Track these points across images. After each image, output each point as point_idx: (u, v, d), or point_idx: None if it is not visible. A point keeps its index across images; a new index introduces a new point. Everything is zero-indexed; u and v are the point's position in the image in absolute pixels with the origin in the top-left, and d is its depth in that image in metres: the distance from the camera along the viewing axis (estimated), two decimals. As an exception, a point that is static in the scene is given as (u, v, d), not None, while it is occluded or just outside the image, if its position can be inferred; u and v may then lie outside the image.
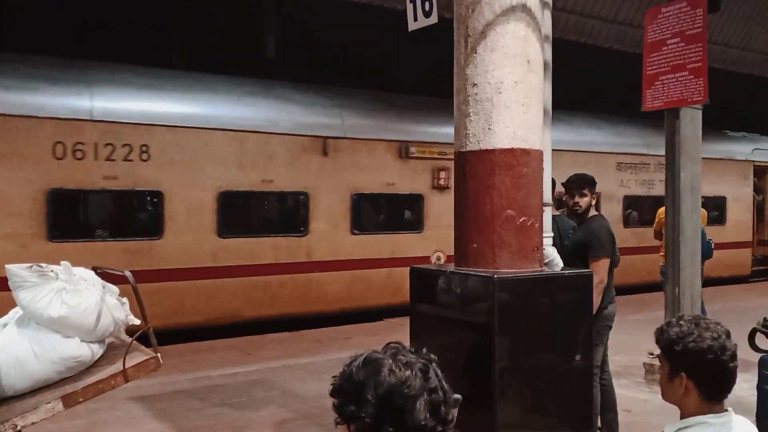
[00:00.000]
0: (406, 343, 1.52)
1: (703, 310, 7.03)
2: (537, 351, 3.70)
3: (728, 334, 2.07)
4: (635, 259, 12.87)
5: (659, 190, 12.75)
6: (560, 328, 3.78)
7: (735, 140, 16.39)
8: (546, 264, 4.16)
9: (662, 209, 7.56)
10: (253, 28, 13.59)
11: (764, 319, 4.84)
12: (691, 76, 6.34)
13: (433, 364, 1.43)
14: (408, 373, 1.37)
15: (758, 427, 4.25)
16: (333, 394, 1.42)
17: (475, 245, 3.81)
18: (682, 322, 2.07)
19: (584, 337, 3.84)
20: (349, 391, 1.39)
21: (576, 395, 3.86)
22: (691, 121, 6.68)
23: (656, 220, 8.50)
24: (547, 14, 4.35)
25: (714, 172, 14.58)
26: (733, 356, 2.04)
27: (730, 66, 16.86)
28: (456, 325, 3.87)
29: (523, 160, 3.76)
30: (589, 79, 16.05)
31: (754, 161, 16.36)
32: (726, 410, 2.05)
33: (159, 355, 3.44)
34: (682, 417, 2.07)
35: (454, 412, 1.90)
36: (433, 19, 4.82)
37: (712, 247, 7.52)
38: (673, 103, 6.52)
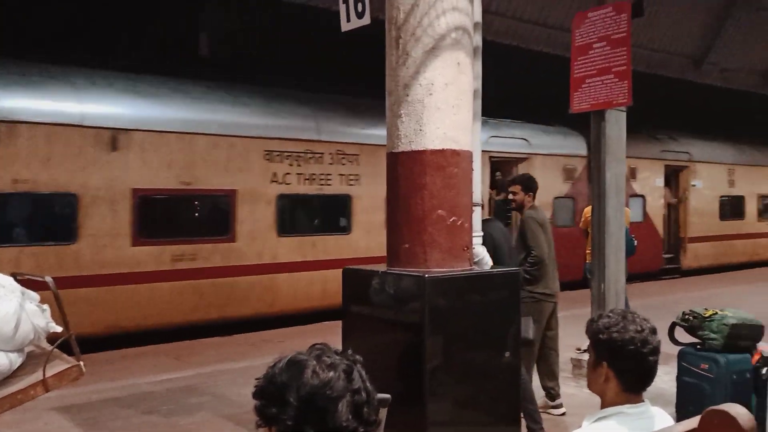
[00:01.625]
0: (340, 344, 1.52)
1: (626, 306, 7.28)
2: (468, 349, 3.76)
3: (654, 330, 2.16)
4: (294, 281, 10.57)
5: (338, 187, 10.96)
6: (490, 326, 3.86)
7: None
8: (476, 263, 4.24)
9: (588, 208, 7.78)
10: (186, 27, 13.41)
11: (683, 313, 5.03)
12: (616, 79, 6.55)
13: (358, 365, 1.43)
14: (331, 374, 1.37)
15: (678, 417, 4.43)
16: (255, 396, 1.41)
17: (407, 245, 3.84)
18: (611, 314, 2.17)
19: (513, 334, 3.92)
20: (271, 393, 1.38)
21: (505, 391, 3.95)
22: (616, 122, 6.90)
23: (582, 219, 8.75)
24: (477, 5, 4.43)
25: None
26: (654, 351, 2.13)
27: (655, 69, 17.51)
28: (388, 325, 3.89)
29: (454, 160, 3.82)
30: (522, 83, 16.39)
31: (488, 151, 15.59)
32: (643, 401, 2.13)
33: (82, 363, 3.32)
34: (602, 407, 2.15)
35: (383, 412, 1.91)
36: (366, 20, 4.83)
37: (635, 244, 7.80)
38: (599, 105, 6.71)
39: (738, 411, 1.96)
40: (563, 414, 5.99)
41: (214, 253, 9.70)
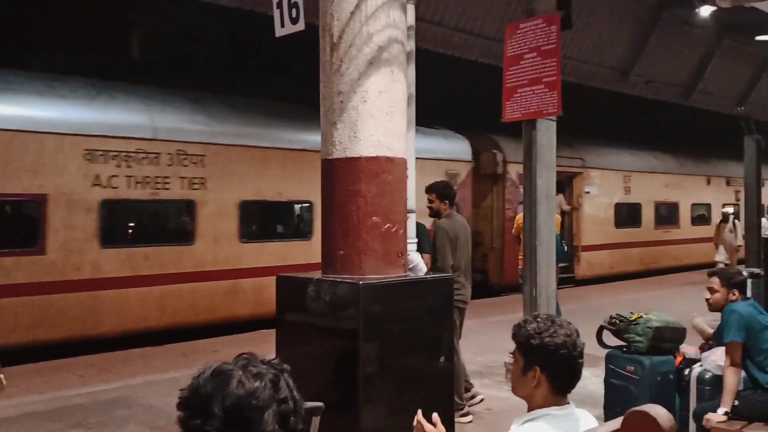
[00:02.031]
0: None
1: (558, 310, 7.45)
2: (403, 354, 3.78)
3: (578, 333, 2.23)
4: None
5: (177, 192, 9.73)
6: (425, 332, 3.89)
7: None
8: (410, 269, 4.26)
9: (521, 215, 7.94)
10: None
11: (610, 317, 5.20)
12: (547, 89, 6.71)
13: (285, 374, 1.42)
14: (257, 384, 1.35)
15: (606, 418, 4.55)
16: (179, 407, 1.38)
17: (342, 252, 3.84)
18: (539, 319, 2.20)
19: (447, 339, 3.96)
20: (195, 403, 1.35)
21: (440, 396, 3.98)
22: (547, 131, 7.06)
23: (515, 226, 8.93)
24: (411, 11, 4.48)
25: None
26: (581, 354, 2.20)
27: (584, 80, 18.06)
28: (324, 332, 3.87)
29: (388, 167, 3.84)
30: (459, 92, 16.62)
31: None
32: (568, 403, 2.19)
33: (2, 376, 3.18)
34: (530, 410, 2.19)
35: (316, 420, 1.89)
36: (300, 26, 4.81)
37: (565, 250, 8.00)
38: (530, 115, 6.86)
39: (658, 411, 2.04)
40: (470, 422, 5.90)
41: (17, 268, 8.36)
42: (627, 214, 18.11)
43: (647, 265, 18.55)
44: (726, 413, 4.22)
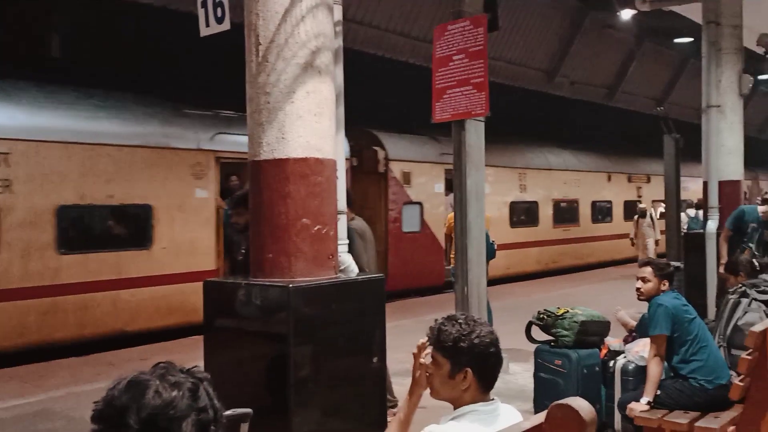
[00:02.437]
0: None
1: (488, 308, 7.58)
2: (335, 357, 3.76)
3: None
4: None
5: None
6: (357, 333, 3.88)
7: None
8: (341, 271, 4.25)
9: (452, 214, 8.05)
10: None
11: (539, 312, 5.33)
12: (475, 91, 6.81)
13: (204, 383, 1.39)
14: (175, 393, 1.32)
15: (536, 412, 4.65)
16: (93, 420, 1.33)
17: (271, 255, 3.79)
18: (460, 321, 2.20)
19: (379, 340, 3.96)
20: (110, 416, 1.31)
21: (373, 396, 3.98)
22: (476, 131, 7.17)
23: (447, 225, 9.04)
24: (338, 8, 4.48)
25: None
26: (500, 349, 2.24)
27: (512, 81, 18.46)
28: (254, 337, 3.82)
29: (317, 169, 3.81)
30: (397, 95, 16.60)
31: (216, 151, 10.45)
32: (492, 399, 2.22)
33: None
34: (456, 408, 2.21)
35: (244, 427, 1.86)
36: (226, 25, 4.73)
37: (495, 248, 8.15)
38: (459, 115, 6.95)
39: (580, 404, 2.09)
40: None
41: None
42: (523, 213, 17.21)
43: (546, 265, 17.55)
44: (648, 402, 4.37)
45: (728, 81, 8.62)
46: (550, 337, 5.25)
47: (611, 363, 5.02)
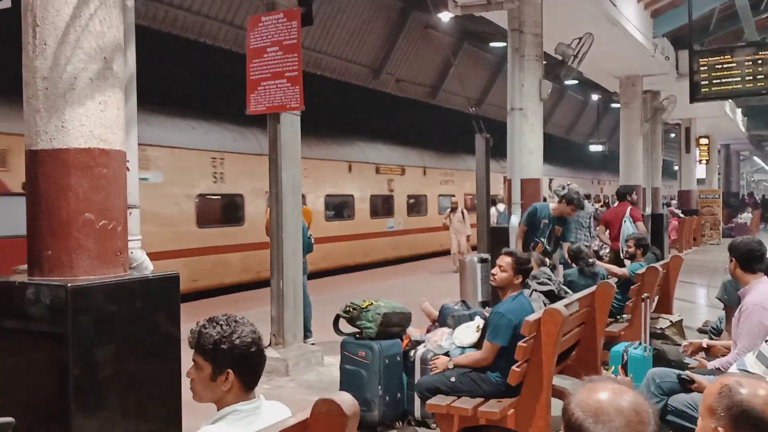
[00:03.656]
0: None
1: (307, 300, 7.61)
2: (120, 357, 3.58)
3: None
4: None
5: None
6: (145, 332, 3.72)
7: None
8: (134, 268, 4.05)
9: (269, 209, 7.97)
10: None
11: (345, 305, 5.42)
12: (289, 84, 6.79)
13: None
14: None
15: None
16: None
17: (50, 252, 3.53)
18: (221, 322, 2.16)
19: (171, 339, 3.83)
20: None
21: (166, 396, 3.84)
22: (291, 125, 7.16)
23: (267, 218, 8.94)
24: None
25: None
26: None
27: (339, 76, 18.67)
28: (30, 340, 3.54)
29: (102, 160, 3.60)
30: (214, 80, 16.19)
31: None
32: (256, 397, 2.22)
33: None
34: (219, 409, 2.18)
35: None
36: (6, 3, 4.36)
37: (312, 242, 8.19)
38: (273, 108, 6.90)
39: (343, 398, 2.14)
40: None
41: None
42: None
43: (253, 275, 13.40)
44: (453, 364, 4.46)
45: (530, 85, 9.27)
46: (356, 330, 5.36)
47: (412, 352, 5.22)
